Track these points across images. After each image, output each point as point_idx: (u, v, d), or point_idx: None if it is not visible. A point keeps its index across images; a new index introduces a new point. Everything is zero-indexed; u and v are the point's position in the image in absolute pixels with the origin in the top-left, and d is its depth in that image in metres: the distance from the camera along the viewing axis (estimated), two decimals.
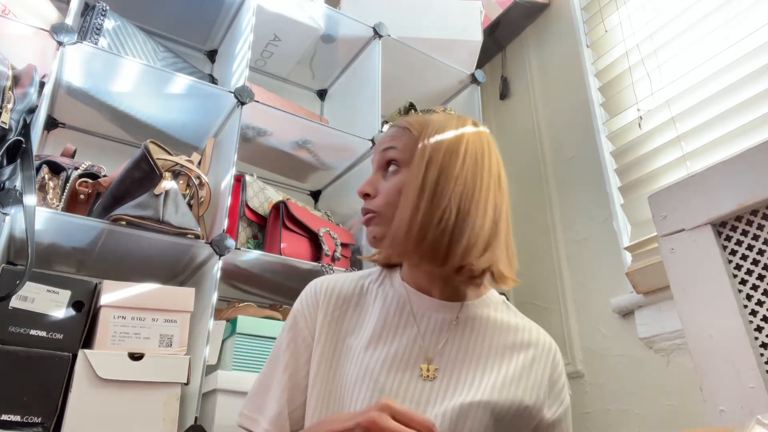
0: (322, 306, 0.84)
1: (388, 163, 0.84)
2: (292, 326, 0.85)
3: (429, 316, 0.82)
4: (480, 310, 0.84)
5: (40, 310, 1.00)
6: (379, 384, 0.75)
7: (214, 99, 1.42)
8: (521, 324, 0.86)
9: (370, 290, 0.87)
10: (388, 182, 0.83)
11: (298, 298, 0.88)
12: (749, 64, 1.27)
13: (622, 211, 1.50)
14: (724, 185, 0.69)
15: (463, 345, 0.80)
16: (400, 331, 0.80)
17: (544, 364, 0.82)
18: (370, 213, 0.83)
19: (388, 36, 1.71)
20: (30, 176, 1.04)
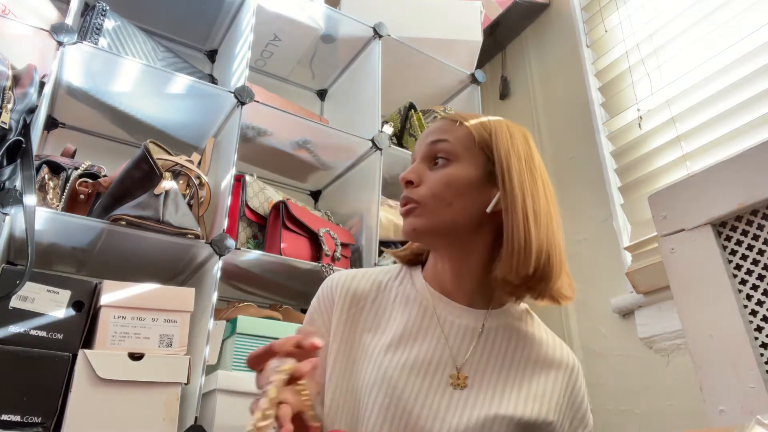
0: (338, 303, 0.81)
1: (436, 155, 0.79)
2: (309, 324, 0.83)
3: (452, 322, 0.78)
4: (505, 319, 0.81)
5: (40, 310, 1.00)
6: (398, 390, 0.72)
7: (214, 99, 1.42)
8: (545, 339, 0.84)
9: (390, 288, 0.83)
10: (436, 174, 0.78)
11: (316, 295, 0.86)
12: (749, 64, 1.27)
13: (622, 211, 1.50)
14: (724, 185, 0.69)
15: (491, 354, 0.77)
16: (422, 335, 0.77)
17: (566, 384, 0.79)
18: (412, 203, 0.78)
19: (388, 36, 1.71)
20: (30, 176, 1.04)
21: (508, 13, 1.94)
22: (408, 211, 0.78)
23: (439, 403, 0.72)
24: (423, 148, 0.81)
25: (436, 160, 0.79)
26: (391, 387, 0.72)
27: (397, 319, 0.78)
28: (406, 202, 0.78)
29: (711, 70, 1.34)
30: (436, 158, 0.79)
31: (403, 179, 0.79)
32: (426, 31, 1.82)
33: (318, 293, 0.85)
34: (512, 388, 0.75)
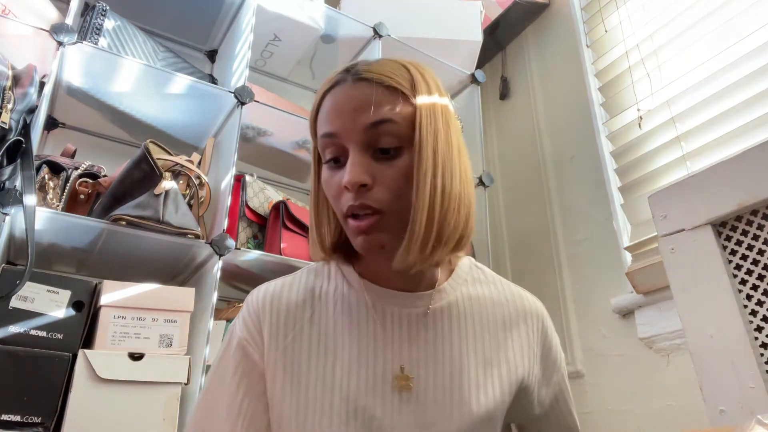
0: (269, 330, 0.69)
1: (380, 144, 0.62)
2: (241, 358, 0.68)
3: (394, 314, 0.69)
4: (454, 292, 0.72)
5: (40, 310, 1.00)
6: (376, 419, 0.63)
7: (214, 99, 1.42)
8: (501, 295, 0.75)
9: (326, 296, 0.71)
10: (391, 169, 0.61)
11: (240, 318, 0.72)
12: (749, 64, 1.27)
13: (622, 211, 1.50)
14: (724, 185, 0.69)
15: (438, 340, 0.68)
16: (370, 341, 0.67)
17: (534, 336, 0.73)
18: (371, 213, 0.61)
19: (388, 36, 1.71)
20: (30, 176, 1.04)
21: (508, 13, 1.94)
22: (370, 226, 0.61)
23: (391, 414, 0.63)
24: (359, 135, 0.62)
25: (382, 150, 0.62)
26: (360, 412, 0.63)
27: (343, 331, 0.68)
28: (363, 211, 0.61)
29: (711, 70, 1.34)
30: (380, 147, 0.62)
31: (355, 184, 0.60)
32: (426, 31, 1.82)
33: (243, 318, 0.71)
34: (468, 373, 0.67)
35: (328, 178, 0.65)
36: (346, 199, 0.62)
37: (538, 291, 1.76)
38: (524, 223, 1.84)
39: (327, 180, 0.66)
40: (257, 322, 0.70)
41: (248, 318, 0.71)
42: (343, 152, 0.63)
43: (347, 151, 0.63)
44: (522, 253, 1.83)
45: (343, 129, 0.62)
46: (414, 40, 1.77)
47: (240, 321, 0.71)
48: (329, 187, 0.65)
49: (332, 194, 0.65)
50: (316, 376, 0.65)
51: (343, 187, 0.62)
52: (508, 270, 1.85)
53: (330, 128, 0.64)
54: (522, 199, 1.87)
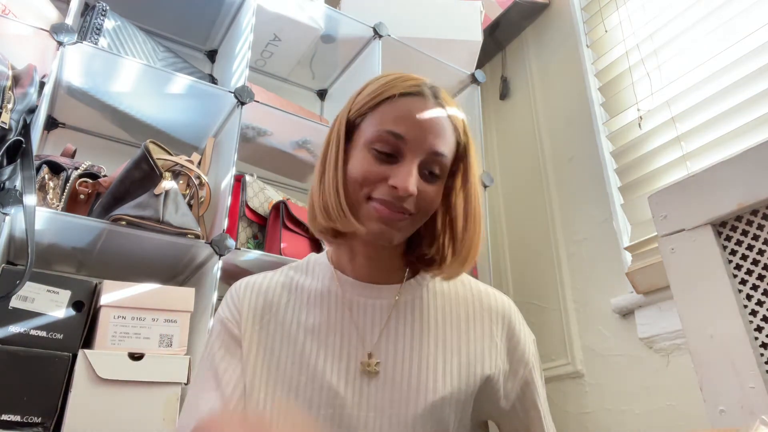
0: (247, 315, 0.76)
1: (432, 169, 0.72)
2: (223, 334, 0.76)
3: (362, 303, 0.76)
4: (420, 287, 0.79)
5: (40, 310, 1.00)
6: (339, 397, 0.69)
7: (214, 99, 1.42)
8: (469, 293, 0.81)
9: (301, 287, 0.79)
10: (431, 188, 0.72)
11: (223, 303, 0.80)
12: (749, 64, 1.27)
13: (622, 211, 1.50)
14: (724, 185, 0.69)
15: (406, 329, 0.75)
16: (333, 327, 0.74)
17: (500, 332, 0.78)
18: (407, 214, 0.70)
19: (388, 36, 1.71)
20: (30, 176, 1.05)
21: (508, 13, 1.94)
22: (398, 221, 0.70)
23: (359, 397, 0.69)
24: (424, 152, 0.71)
25: (429, 173, 0.72)
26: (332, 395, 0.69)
27: (314, 318, 0.75)
28: (400, 212, 0.70)
29: (711, 70, 1.34)
30: (430, 171, 0.72)
31: (408, 192, 0.68)
32: (426, 31, 1.82)
33: (225, 302, 0.79)
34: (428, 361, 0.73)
35: (368, 165, 0.71)
36: (382, 191, 0.69)
37: (538, 291, 1.76)
38: (524, 223, 1.83)
39: (367, 166, 0.70)
40: (238, 303, 0.77)
41: (230, 301, 0.78)
42: (399, 153, 0.70)
43: (404, 156, 0.70)
44: (522, 253, 1.83)
45: (414, 139, 0.70)
46: (414, 40, 1.77)
47: (222, 304, 0.79)
48: (367, 172, 0.70)
49: (366, 179, 0.70)
50: (287, 354, 0.72)
51: (384, 180, 0.69)
52: (508, 270, 1.85)
53: (402, 131, 0.70)
54: (522, 199, 1.87)
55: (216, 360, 0.74)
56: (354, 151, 0.73)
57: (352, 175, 0.71)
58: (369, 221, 0.70)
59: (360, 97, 0.76)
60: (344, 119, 0.76)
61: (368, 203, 0.70)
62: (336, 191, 0.72)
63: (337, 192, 0.72)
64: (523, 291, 1.76)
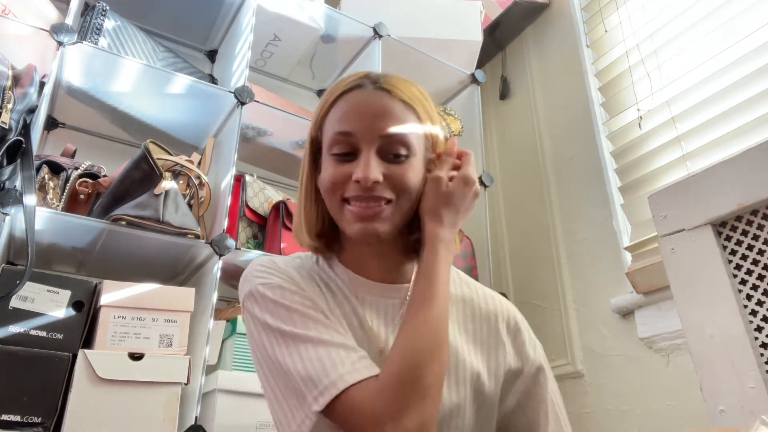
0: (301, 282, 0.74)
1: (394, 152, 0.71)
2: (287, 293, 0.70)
3: (372, 303, 0.75)
4: None
5: (40, 310, 1.00)
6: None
7: (214, 99, 1.42)
8: (472, 294, 0.82)
9: (311, 279, 0.77)
10: (399, 168, 0.71)
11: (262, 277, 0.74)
12: (749, 64, 1.27)
13: (622, 211, 1.50)
14: (724, 185, 0.69)
15: None
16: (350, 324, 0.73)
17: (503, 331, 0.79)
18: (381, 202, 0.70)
19: (388, 36, 1.71)
20: (30, 176, 1.04)
21: (508, 13, 1.94)
22: (376, 213, 0.70)
23: None
24: (376, 139, 0.71)
25: (393, 156, 0.71)
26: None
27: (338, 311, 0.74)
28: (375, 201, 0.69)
29: (711, 70, 1.34)
30: (394, 153, 0.71)
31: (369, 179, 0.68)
32: (426, 31, 1.82)
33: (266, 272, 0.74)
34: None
35: (332, 169, 0.72)
36: (351, 189, 0.70)
37: (538, 291, 1.76)
38: (524, 223, 1.83)
39: (331, 170, 0.72)
40: (283, 271, 0.74)
41: (271, 271, 0.74)
42: (354, 150, 0.71)
43: (359, 150, 0.71)
44: (522, 253, 1.83)
45: (361, 131, 0.71)
46: (414, 40, 1.77)
47: (265, 277, 0.73)
48: (332, 176, 0.72)
49: (333, 183, 0.72)
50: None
51: (349, 179, 0.70)
52: (508, 270, 1.85)
53: (347, 128, 0.71)
54: (522, 199, 1.87)
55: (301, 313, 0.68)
56: (323, 165, 0.75)
57: (324, 185, 0.73)
58: (349, 225, 0.71)
59: (315, 112, 0.79)
60: (308, 140, 0.79)
61: (344, 207, 0.72)
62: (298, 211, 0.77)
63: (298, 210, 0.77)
64: (523, 291, 1.76)
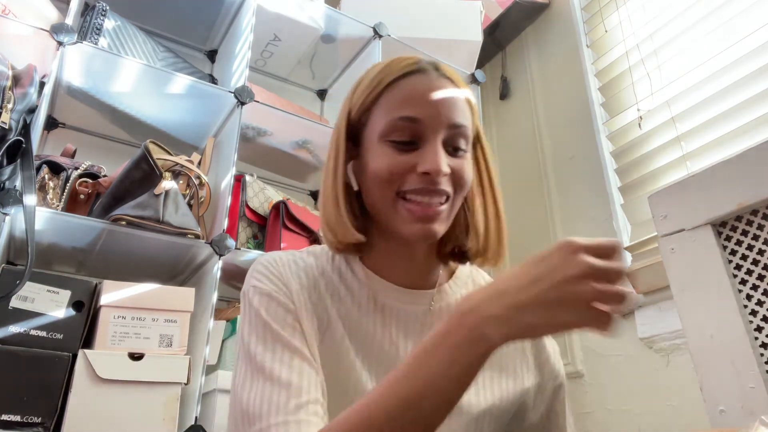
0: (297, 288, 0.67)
1: (456, 144, 0.67)
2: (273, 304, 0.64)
3: (399, 311, 0.70)
4: (454, 294, 0.74)
5: (40, 310, 1.00)
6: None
7: (214, 99, 1.42)
8: None
9: (330, 279, 0.70)
10: (460, 161, 0.67)
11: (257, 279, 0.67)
12: (749, 64, 1.27)
13: (622, 211, 1.50)
14: (724, 185, 0.69)
15: None
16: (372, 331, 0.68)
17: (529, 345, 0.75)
18: (444, 197, 0.65)
19: (388, 36, 1.71)
20: (30, 176, 1.04)
21: (508, 13, 1.94)
22: (437, 214, 0.64)
23: None
24: (443, 128, 0.65)
25: (453, 149, 0.67)
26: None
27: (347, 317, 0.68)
28: (435, 196, 0.64)
29: (711, 70, 1.34)
30: (454, 146, 0.67)
31: (440, 171, 0.63)
32: (426, 31, 1.82)
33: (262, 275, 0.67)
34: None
35: (389, 158, 0.65)
36: (411, 181, 0.64)
37: None
38: (524, 223, 1.83)
39: (388, 159, 0.65)
40: (280, 275, 0.67)
41: (268, 274, 0.67)
42: (418, 138, 0.65)
43: (425, 138, 0.65)
44: (522, 253, 1.82)
45: (429, 118, 0.65)
46: (414, 40, 1.77)
47: (260, 280, 0.67)
48: (390, 166, 0.65)
49: (392, 173, 0.65)
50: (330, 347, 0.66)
51: (410, 170, 0.64)
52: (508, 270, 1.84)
53: (412, 113, 0.65)
54: (522, 199, 1.87)
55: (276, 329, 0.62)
56: (368, 152, 0.68)
57: (378, 175, 0.65)
58: (405, 224, 0.65)
59: (358, 94, 0.71)
60: (344, 124, 0.71)
61: (400, 204, 0.65)
62: (334, 202, 0.68)
63: (335, 202, 0.67)
64: None
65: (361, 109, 0.70)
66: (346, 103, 0.73)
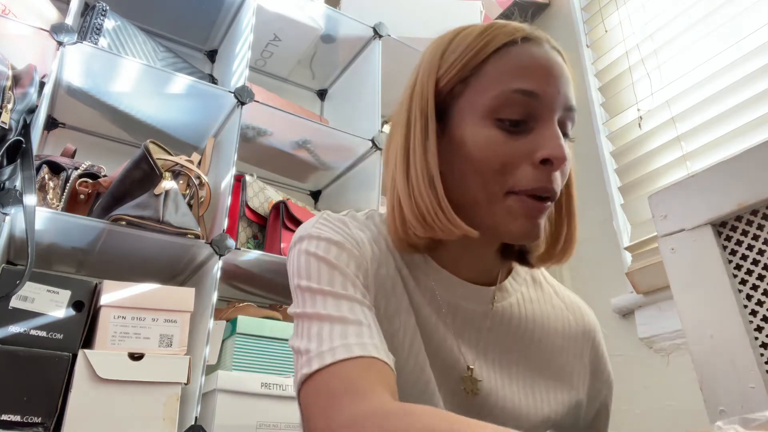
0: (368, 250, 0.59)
1: (567, 126, 0.58)
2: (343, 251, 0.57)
3: (459, 307, 0.62)
4: (515, 292, 0.68)
5: (40, 310, 1.00)
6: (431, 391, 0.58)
7: (214, 99, 1.42)
8: (561, 303, 0.72)
9: (390, 259, 0.62)
10: (569, 152, 0.58)
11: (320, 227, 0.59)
12: (749, 64, 1.27)
13: (622, 211, 1.50)
14: (724, 185, 0.69)
15: (502, 344, 0.63)
16: (436, 328, 0.61)
17: (587, 348, 0.71)
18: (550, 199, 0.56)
19: (388, 36, 1.71)
20: (30, 176, 1.04)
21: (508, 13, 1.94)
22: (545, 211, 0.57)
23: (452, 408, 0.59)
24: (560, 109, 0.56)
25: (563, 133, 0.57)
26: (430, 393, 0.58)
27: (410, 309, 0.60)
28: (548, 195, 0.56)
29: (711, 70, 1.34)
30: (564, 131, 0.57)
31: (564, 159, 0.54)
32: (426, 30, 1.82)
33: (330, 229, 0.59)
34: (524, 380, 0.64)
35: (503, 143, 0.55)
36: (527, 176, 0.54)
37: None
38: None
39: (503, 145, 0.55)
40: (351, 232, 0.60)
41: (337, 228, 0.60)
42: (531, 117, 0.55)
43: (539, 118, 0.55)
44: None
45: (548, 95, 0.55)
46: (414, 40, 1.76)
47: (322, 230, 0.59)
48: (506, 154, 0.55)
49: (508, 162, 0.55)
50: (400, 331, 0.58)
51: (525, 160, 0.54)
52: None
53: (533, 86, 0.55)
54: None
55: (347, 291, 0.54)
56: (463, 132, 0.57)
57: (486, 163, 0.55)
58: (511, 219, 0.56)
59: (450, 60, 0.59)
60: (431, 96, 0.59)
61: (508, 197, 0.55)
62: (430, 187, 0.56)
63: (432, 188, 0.56)
64: None
65: (456, 77, 0.58)
66: (428, 70, 0.61)
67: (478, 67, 0.57)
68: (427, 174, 0.57)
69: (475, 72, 0.57)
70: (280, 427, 1.15)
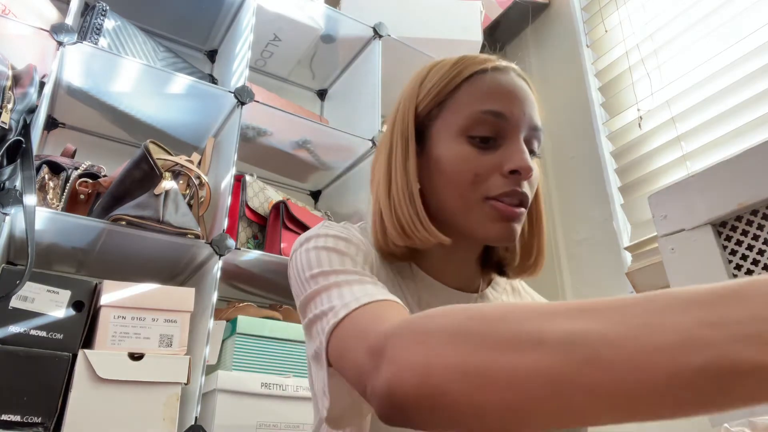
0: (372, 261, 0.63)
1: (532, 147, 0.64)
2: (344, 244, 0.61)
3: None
4: (495, 299, 0.72)
5: (40, 310, 1.00)
6: None
7: (214, 99, 1.42)
8: None
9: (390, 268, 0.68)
10: (535, 167, 0.64)
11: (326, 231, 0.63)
12: (749, 64, 1.27)
13: (622, 211, 1.50)
14: (724, 185, 0.69)
15: None
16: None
17: None
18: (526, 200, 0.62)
19: (388, 36, 1.71)
20: (30, 176, 1.04)
21: (508, 13, 1.94)
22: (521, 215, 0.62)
23: None
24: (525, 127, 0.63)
25: (530, 150, 0.64)
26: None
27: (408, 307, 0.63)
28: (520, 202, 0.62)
29: (711, 70, 1.34)
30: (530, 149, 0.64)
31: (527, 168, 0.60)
32: (426, 31, 1.82)
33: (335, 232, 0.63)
34: None
35: (474, 157, 0.61)
36: (497, 185, 0.61)
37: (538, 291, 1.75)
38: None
39: (474, 159, 0.61)
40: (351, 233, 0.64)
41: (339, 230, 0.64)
42: (499, 135, 0.62)
43: (507, 136, 0.62)
44: None
45: (515, 115, 0.62)
46: (414, 40, 1.76)
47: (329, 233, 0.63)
48: (476, 166, 0.61)
49: (477, 174, 0.61)
50: None
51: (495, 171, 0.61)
52: None
53: (500, 108, 0.62)
54: None
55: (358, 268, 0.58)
56: (439, 150, 0.64)
57: (460, 176, 0.62)
58: (488, 223, 0.61)
59: (428, 87, 0.67)
60: (411, 119, 0.66)
61: (484, 203, 0.61)
62: (410, 201, 0.63)
63: (411, 202, 0.63)
64: None
65: (432, 102, 0.66)
66: (408, 98, 0.69)
67: (452, 93, 0.65)
68: (407, 190, 0.63)
69: (449, 96, 0.65)
70: (280, 427, 1.15)
